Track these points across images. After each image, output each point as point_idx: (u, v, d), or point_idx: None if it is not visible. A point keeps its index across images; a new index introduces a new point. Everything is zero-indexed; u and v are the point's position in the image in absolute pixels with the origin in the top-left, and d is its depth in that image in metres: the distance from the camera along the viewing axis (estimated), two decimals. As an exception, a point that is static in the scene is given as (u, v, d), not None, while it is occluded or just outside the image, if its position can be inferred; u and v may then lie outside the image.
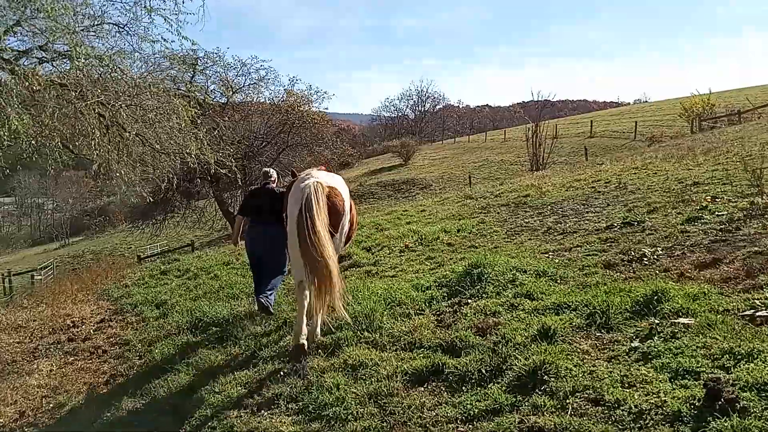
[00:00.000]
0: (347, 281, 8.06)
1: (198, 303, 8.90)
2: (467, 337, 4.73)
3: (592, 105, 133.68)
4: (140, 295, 11.24)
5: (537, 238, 8.63)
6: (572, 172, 17.04)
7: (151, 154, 10.35)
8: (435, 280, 6.71)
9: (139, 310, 10.07)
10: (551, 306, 5.07)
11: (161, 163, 10.85)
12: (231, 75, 29.91)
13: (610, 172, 14.33)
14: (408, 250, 9.27)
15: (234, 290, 8.80)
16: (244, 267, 11.31)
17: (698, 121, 36.31)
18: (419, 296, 6.16)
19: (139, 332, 8.62)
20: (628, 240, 7.18)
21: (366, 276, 8.30)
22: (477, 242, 9.07)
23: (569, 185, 13.67)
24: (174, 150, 10.39)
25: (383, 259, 9.09)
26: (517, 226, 9.88)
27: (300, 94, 33.45)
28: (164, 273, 13.24)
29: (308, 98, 33.59)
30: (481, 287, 5.98)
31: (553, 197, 12.29)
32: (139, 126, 9.36)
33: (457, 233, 9.91)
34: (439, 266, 7.81)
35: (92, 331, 9.63)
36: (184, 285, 11.19)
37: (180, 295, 10.19)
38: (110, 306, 11.49)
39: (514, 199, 13.19)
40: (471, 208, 13.32)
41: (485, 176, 43.21)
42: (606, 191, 11.78)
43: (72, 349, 8.57)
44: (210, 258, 13.87)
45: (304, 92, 33.73)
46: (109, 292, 12.53)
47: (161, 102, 9.61)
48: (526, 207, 11.91)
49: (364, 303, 6.10)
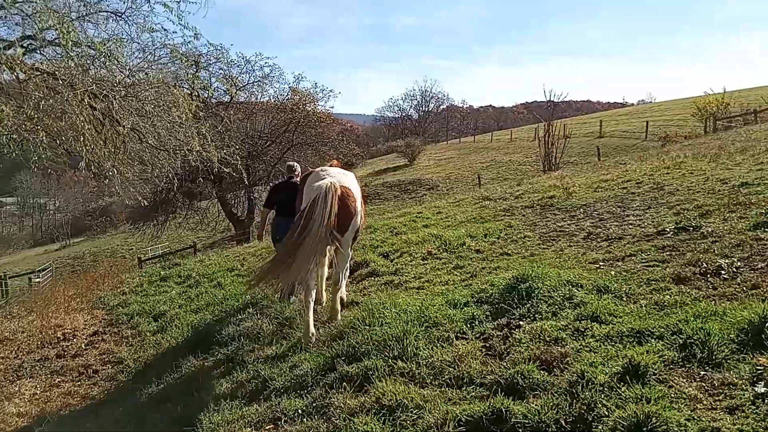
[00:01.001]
0: (367, 295, 7.19)
1: (200, 316, 8.04)
2: (530, 373, 3.83)
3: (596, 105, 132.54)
4: (137, 305, 10.39)
5: (577, 245, 7.74)
6: (594, 172, 16.13)
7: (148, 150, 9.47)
8: (472, 295, 5.81)
9: (135, 322, 9.22)
10: (628, 332, 4.16)
11: (160, 161, 9.95)
12: (235, 72, 29.08)
13: (639, 172, 13.41)
14: (432, 258, 8.38)
15: (239, 302, 7.90)
16: (250, 274, 10.44)
17: (713, 121, 35.34)
18: (457, 315, 5.25)
19: (134, 349, 7.76)
20: (690, 248, 6.27)
21: (387, 287, 7.41)
22: (509, 249, 8.17)
23: (596, 186, 12.77)
24: (174, 146, 9.48)
25: (405, 267, 8.19)
26: (551, 230, 8.98)
27: (305, 92, 32.61)
28: (164, 279, 12.38)
29: (314, 96, 32.75)
30: (531, 305, 5.07)
31: (581, 199, 11.40)
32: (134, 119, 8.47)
33: (485, 238, 9.01)
34: (472, 277, 6.91)
35: (84, 345, 8.77)
36: (185, 294, 10.32)
37: (180, 306, 9.32)
38: (105, 316, 10.63)
39: (539, 200, 12.30)
40: (492, 210, 12.43)
41: (493, 177, 42.34)
42: (640, 192, 10.88)
43: (60, 367, 7.71)
44: (213, 263, 12.99)
45: (309, 90, 32.90)
46: (104, 300, 11.68)
47: (159, 93, 8.72)
48: (553, 209, 11.02)
49: (393, 323, 5.21)
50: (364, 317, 5.47)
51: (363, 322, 5.38)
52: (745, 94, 47.10)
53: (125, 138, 8.85)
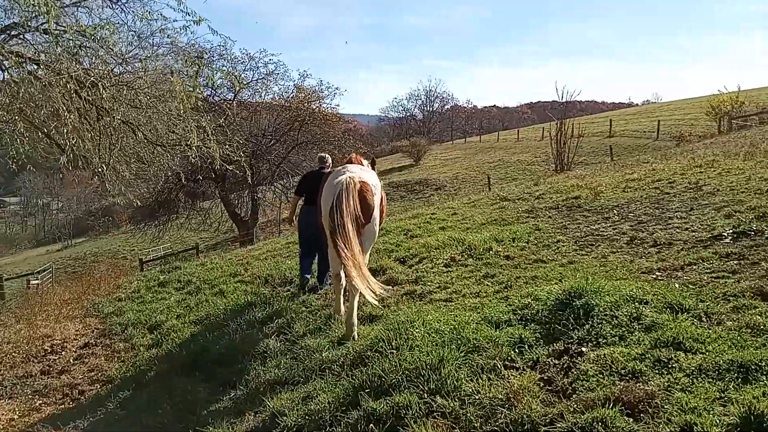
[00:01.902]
0: (387, 307, 6.39)
1: (199, 329, 7.22)
2: (613, 420, 3.01)
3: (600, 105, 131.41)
4: (133, 313, 9.59)
5: (621, 251, 6.92)
6: (617, 171, 15.29)
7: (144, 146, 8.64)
8: (513, 311, 5.00)
9: (129, 333, 8.42)
10: (727, 366, 3.35)
11: (157, 158, 9.12)
12: (238, 69, 28.29)
13: (668, 171, 12.58)
14: (456, 264, 7.56)
15: (245, 316, 7.07)
16: (255, 280, 9.65)
17: (728, 120, 34.43)
18: (501, 337, 4.43)
19: (126, 366, 6.95)
20: (762, 256, 5.45)
21: (409, 299, 6.59)
22: (542, 255, 7.35)
23: (624, 186, 11.96)
24: (172, 141, 8.62)
25: (426, 275, 7.38)
26: (585, 234, 8.17)
27: (310, 89, 31.77)
28: (163, 285, 11.57)
29: (319, 94, 31.91)
30: (591, 327, 4.25)
31: (611, 199, 10.59)
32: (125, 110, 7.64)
33: (513, 243, 8.20)
34: (507, 288, 6.09)
35: (72, 360, 7.97)
36: (184, 302, 9.52)
37: (178, 316, 8.52)
38: (98, 325, 9.84)
39: (563, 201, 11.50)
40: (513, 211, 11.62)
41: (502, 176, 41.51)
42: (676, 192, 10.08)
43: (43, 387, 6.91)
44: (215, 267, 12.18)
45: (314, 88, 32.05)
46: (99, 307, 10.88)
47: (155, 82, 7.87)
48: (581, 210, 10.21)
49: (424, 345, 4.40)
50: (389, 337, 4.67)
51: (388, 344, 4.58)
52: (757, 93, 46.10)
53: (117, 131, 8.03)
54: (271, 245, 14.08)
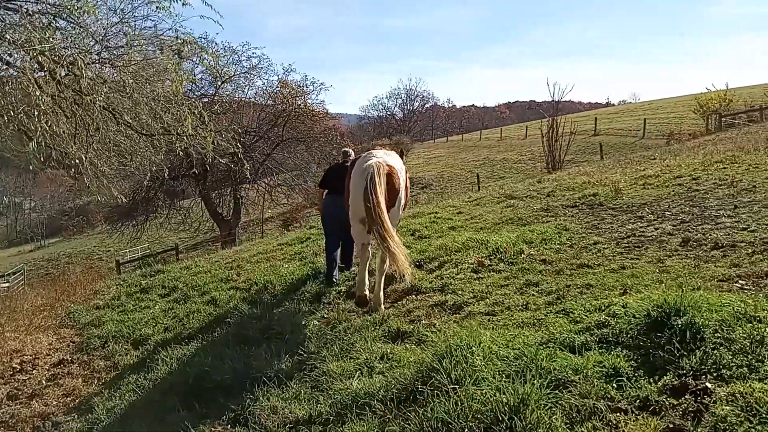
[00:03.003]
0: (416, 322, 5.50)
1: (194, 347, 6.23)
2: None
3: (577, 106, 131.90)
4: (113, 324, 8.58)
5: (678, 255, 6.09)
6: (628, 168, 14.53)
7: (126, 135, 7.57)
8: (586, 330, 4.12)
9: (110, 349, 7.41)
10: None
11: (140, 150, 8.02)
12: (221, 63, 27.09)
13: (687, 167, 11.85)
14: (486, 270, 6.67)
15: (247, 330, 6.10)
16: (251, 287, 8.68)
17: (718, 118, 34.08)
18: (586, 366, 3.54)
19: (109, 392, 5.95)
20: None
21: (440, 311, 5.69)
22: (584, 259, 6.48)
23: (642, 182, 11.21)
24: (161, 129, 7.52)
25: (452, 281, 6.48)
26: (624, 235, 7.34)
27: (295, 84, 30.70)
28: (145, 291, 10.55)
29: (303, 89, 30.85)
30: (705, 353, 3.38)
31: (635, 197, 9.82)
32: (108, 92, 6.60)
33: (544, 245, 7.35)
34: (559, 299, 5.21)
35: (44, 380, 6.95)
36: (172, 311, 8.52)
37: (166, 329, 7.54)
38: (74, 337, 8.82)
39: (579, 198, 10.70)
40: (526, 209, 10.78)
41: (488, 175, 40.83)
42: (707, 189, 9.34)
43: (9, 417, 5.89)
44: (202, 271, 11.18)
45: (299, 83, 30.98)
46: (74, 316, 9.85)
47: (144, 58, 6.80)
48: (605, 209, 9.42)
49: (493, 379, 3.50)
50: (443, 367, 3.75)
51: (445, 375, 3.66)
52: (747, 91, 46.02)
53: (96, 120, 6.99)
54: (262, 247, 13.08)
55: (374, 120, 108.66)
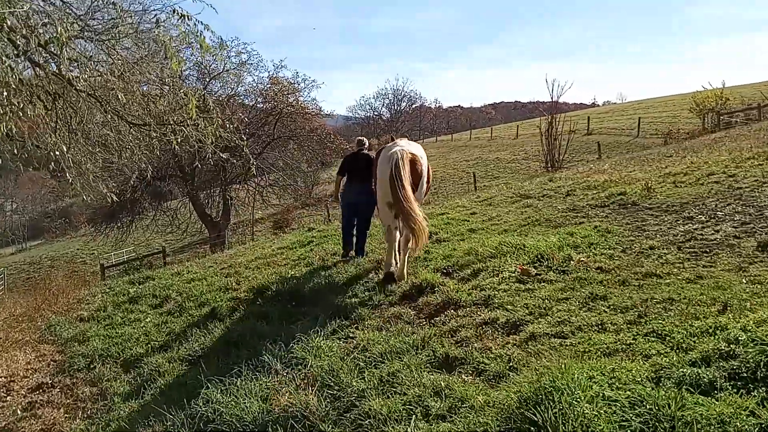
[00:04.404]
0: (465, 344, 4.61)
1: (196, 373, 5.26)
2: None
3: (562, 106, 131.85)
4: (99, 341, 7.63)
5: (760, 261, 5.26)
6: (645, 165, 13.75)
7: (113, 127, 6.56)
8: (702, 361, 3.26)
9: (97, 372, 6.45)
10: None
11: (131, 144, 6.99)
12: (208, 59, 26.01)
13: (715, 164, 11.10)
14: (533, 280, 5.80)
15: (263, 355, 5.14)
16: (256, 297, 7.74)
17: (716, 116, 33.56)
18: (728, 413, 2.69)
19: (96, 429, 4.99)
20: None
21: (493, 331, 4.79)
22: (649, 267, 5.63)
23: (672, 180, 10.43)
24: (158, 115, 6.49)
25: (497, 294, 5.59)
26: (682, 238, 6.51)
27: (286, 81, 29.67)
28: (134, 300, 9.57)
29: (295, 86, 29.84)
30: None
31: (673, 195, 9.06)
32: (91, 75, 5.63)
33: (593, 249, 6.50)
34: (642, 317, 4.33)
35: (20, 410, 6.00)
36: (166, 326, 7.57)
37: (162, 348, 6.59)
38: (55, 355, 7.85)
39: (606, 198, 9.91)
40: (550, 209, 9.96)
41: (482, 175, 40.06)
42: (752, 187, 8.62)
43: (-25, 459, 4.92)
44: (196, 277, 10.21)
45: (290, 80, 29.96)
46: (56, 330, 8.85)
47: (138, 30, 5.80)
48: (641, 208, 8.63)
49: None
50: (539, 416, 2.87)
51: (545, 429, 2.77)
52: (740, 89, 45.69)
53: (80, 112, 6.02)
54: (259, 251, 12.12)
55: (361, 120, 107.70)
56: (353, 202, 8.65)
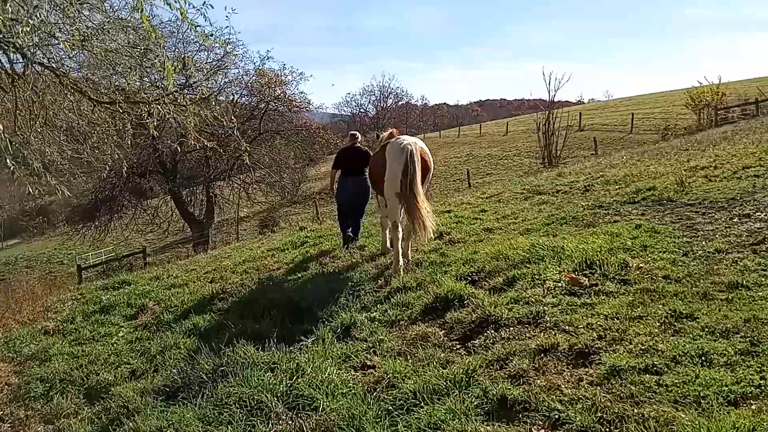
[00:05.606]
0: (525, 383, 3.57)
1: (175, 414, 4.15)
2: None
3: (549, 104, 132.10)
4: (62, 360, 6.51)
5: None
6: (663, 159, 12.83)
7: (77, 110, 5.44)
8: None
9: (56, 403, 5.29)
10: None
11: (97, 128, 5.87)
12: (191, 50, 24.72)
13: (746, 157, 10.21)
14: (587, 292, 4.77)
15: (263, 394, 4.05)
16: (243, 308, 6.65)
17: (714, 112, 32.91)
18: None
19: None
20: None
21: (556, 361, 3.75)
22: (728, 275, 4.62)
23: (703, 174, 9.55)
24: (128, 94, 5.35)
25: (546, 310, 4.55)
26: (752, 239, 5.52)
27: (272, 73, 28.44)
28: (106, 311, 8.43)
29: (282, 79, 28.62)
30: None
31: (713, 191, 8.18)
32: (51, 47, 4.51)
33: (648, 253, 5.49)
34: (756, 346, 3.34)
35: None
36: (139, 343, 6.46)
37: (134, 374, 5.49)
38: (11, 376, 6.72)
39: (634, 193, 9.03)
40: (574, 207, 9.00)
41: (474, 171, 39.13)
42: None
43: None
44: (177, 284, 9.11)
45: (277, 72, 28.72)
46: (15, 344, 7.68)
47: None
48: (680, 205, 7.72)
49: None
50: None
51: None
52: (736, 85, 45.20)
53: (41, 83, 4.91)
54: (247, 253, 11.00)
55: (347, 117, 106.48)
56: (349, 195, 8.94)
